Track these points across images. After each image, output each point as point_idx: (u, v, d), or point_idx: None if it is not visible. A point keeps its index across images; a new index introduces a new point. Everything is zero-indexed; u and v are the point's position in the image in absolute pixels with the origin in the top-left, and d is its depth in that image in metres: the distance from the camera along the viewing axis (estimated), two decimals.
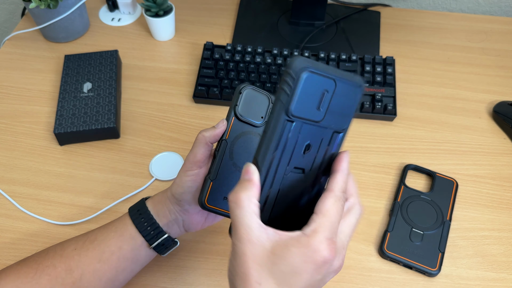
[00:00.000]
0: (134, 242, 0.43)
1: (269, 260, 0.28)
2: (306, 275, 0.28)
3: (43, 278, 0.40)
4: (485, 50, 0.76)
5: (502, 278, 0.51)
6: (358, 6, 0.82)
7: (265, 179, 0.30)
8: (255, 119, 0.42)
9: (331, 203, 0.29)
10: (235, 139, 0.42)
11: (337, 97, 0.31)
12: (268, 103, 0.43)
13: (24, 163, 0.61)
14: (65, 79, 0.66)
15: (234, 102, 0.42)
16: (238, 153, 0.42)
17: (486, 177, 0.60)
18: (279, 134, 0.30)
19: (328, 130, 0.32)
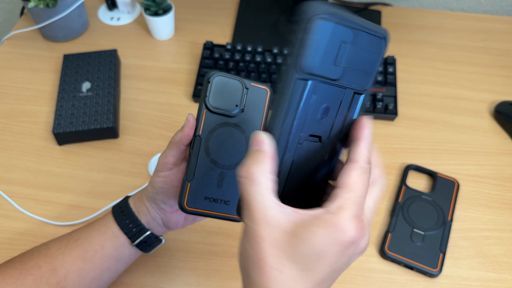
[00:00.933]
0: (116, 240, 0.42)
1: (290, 244, 0.24)
2: (333, 258, 0.25)
3: (28, 279, 0.40)
4: (487, 49, 0.75)
5: (503, 278, 0.51)
6: (359, 5, 0.81)
7: (276, 149, 0.27)
8: (229, 108, 0.38)
9: (357, 176, 0.26)
10: (209, 133, 0.38)
11: (357, 51, 0.26)
12: (241, 88, 0.39)
13: (23, 163, 0.61)
14: (64, 78, 0.66)
15: (203, 93, 0.38)
16: (215, 148, 0.39)
17: (488, 177, 0.59)
18: (289, 96, 0.25)
19: (348, 91, 0.27)
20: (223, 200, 0.39)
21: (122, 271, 0.45)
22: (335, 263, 0.25)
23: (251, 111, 0.39)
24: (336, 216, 0.25)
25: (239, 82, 0.39)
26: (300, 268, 0.25)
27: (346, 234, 0.24)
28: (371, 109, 0.64)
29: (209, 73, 0.38)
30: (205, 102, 0.38)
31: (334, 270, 0.26)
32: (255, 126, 0.39)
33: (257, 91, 0.39)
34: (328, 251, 0.24)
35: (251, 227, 0.25)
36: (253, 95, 0.39)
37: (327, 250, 0.24)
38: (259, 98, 0.39)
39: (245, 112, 0.39)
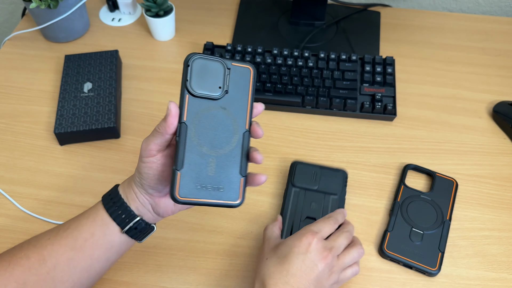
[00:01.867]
0: (106, 228, 0.42)
1: (276, 246, 0.45)
2: (295, 249, 0.43)
3: (17, 270, 0.39)
4: (485, 50, 0.76)
5: (502, 278, 0.51)
6: (358, 6, 0.82)
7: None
8: (212, 91, 0.37)
9: (322, 218, 0.48)
10: (195, 119, 0.37)
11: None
12: (223, 69, 0.38)
13: (24, 163, 0.61)
14: (65, 79, 0.66)
15: (183, 77, 0.37)
16: (203, 133, 0.37)
17: (486, 177, 0.60)
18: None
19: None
20: (216, 187, 0.37)
21: (115, 261, 0.44)
22: (299, 253, 0.43)
23: (235, 92, 0.38)
24: (301, 230, 0.46)
25: (220, 63, 0.37)
26: (278, 256, 0.44)
27: (303, 237, 0.44)
28: (370, 109, 0.65)
29: (188, 56, 0.37)
30: (186, 87, 0.37)
31: (301, 260, 0.42)
32: (241, 107, 0.38)
33: (240, 70, 0.38)
34: (292, 245, 0.43)
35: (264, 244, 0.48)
36: (236, 75, 0.38)
37: (292, 245, 0.43)
38: (243, 78, 0.38)
39: (230, 94, 0.38)
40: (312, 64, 0.68)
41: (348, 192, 0.58)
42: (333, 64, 0.68)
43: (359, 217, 0.56)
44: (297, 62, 0.68)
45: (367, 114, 0.65)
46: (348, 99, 0.65)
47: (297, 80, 0.67)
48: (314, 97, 0.66)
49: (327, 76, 0.67)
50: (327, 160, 0.61)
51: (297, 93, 0.66)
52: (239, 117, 0.38)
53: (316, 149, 0.62)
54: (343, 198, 0.55)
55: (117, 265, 0.52)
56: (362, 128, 0.65)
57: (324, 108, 0.65)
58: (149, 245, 0.53)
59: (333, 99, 0.65)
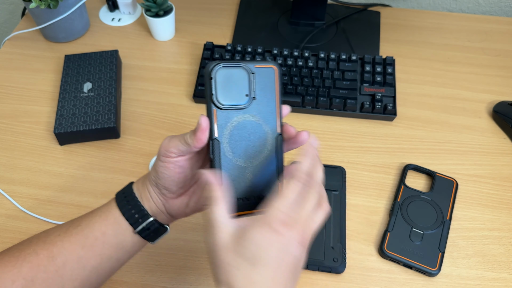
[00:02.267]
0: (118, 227, 0.40)
1: (238, 244, 0.32)
2: (269, 246, 0.31)
3: (25, 266, 0.38)
4: (485, 50, 0.76)
5: (502, 278, 0.51)
6: (358, 6, 0.82)
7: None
8: (239, 100, 0.36)
9: (285, 183, 0.34)
10: (226, 133, 0.35)
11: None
12: (247, 75, 0.36)
13: (24, 163, 0.61)
14: (65, 79, 0.66)
15: (208, 91, 0.35)
16: (236, 146, 0.36)
17: (486, 177, 0.60)
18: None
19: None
20: (256, 197, 0.37)
21: (126, 261, 0.43)
22: (274, 249, 0.31)
23: (262, 96, 0.36)
24: (264, 214, 0.32)
25: (243, 69, 0.36)
26: (251, 261, 0.31)
27: (271, 224, 0.32)
28: (370, 109, 0.65)
29: (208, 67, 0.35)
30: (213, 101, 0.35)
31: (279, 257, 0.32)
32: (270, 111, 0.37)
33: (264, 72, 0.36)
34: (263, 240, 0.31)
35: (211, 240, 0.33)
36: (261, 77, 0.36)
37: (262, 240, 0.31)
38: (268, 79, 0.36)
39: (257, 99, 0.36)
40: (312, 64, 0.68)
41: (348, 192, 0.58)
42: (333, 64, 0.68)
43: (359, 217, 0.56)
44: (297, 62, 0.68)
45: (367, 114, 0.65)
46: (348, 99, 0.65)
47: (297, 80, 0.67)
48: (314, 97, 0.66)
49: (327, 76, 0.67)
50: (327, 160, 0.61)
51: (297, 93, 0.66)
52: (269, 121, 0.37)
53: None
54: (343, 194, 0.56)
55: None
56: (362, 128, 0.65)
57: (324, 108, 0.65)
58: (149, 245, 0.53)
59: (333, 99, 0.65)
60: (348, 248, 0.53)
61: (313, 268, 0.51)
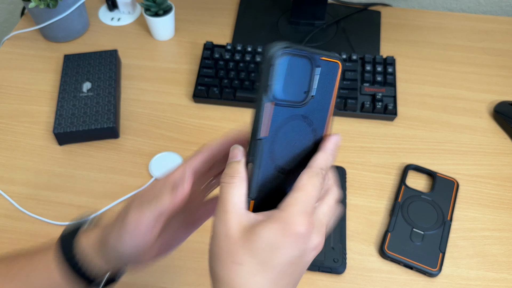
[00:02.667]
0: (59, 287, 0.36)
1: (248, 240, 0.27)
2: (285, 250, 0.27)
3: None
4: (486, 50, 0.75)
5: (503, 278, 0.51)
6: (359, 5, 0.82)
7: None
8: (296, 96, 0.29)
9: (306, 178, 0.29)
10: (272, 134, 0.29)
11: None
12: (311, 68, 0.29)
13: (24, 163, 0.61)
14: (64, 78, 0.66)
15: (265, 80, 0.28)
16: (279, 152, 0.30)
17: (487, 177, 0.60)
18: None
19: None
20: None
21: None
22: (289, 255, 0.27)
23: (320, 95, 0.30)
24: (285, 212, 0.28)
25: (307, 60, 0.29)
26: (258, 262, 0.27)
27: (293, 226, 0.27)
28: (371, 109, 0.65)
29: (271, 51, 0.27)
30: (267, 93, 0.28)
31: (290, 263, 0.28)
32: (323, 113, 0.31)
33: (328, 66, 0.30)
34: (280, 243, 0.27)
35: (219, 227, 0.28)
36: (324, 73, 0.30)
37: (279, 242, 0.27)
38: (329, 76, 0.30)
39: (314, 99, 0.30)
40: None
41: (348, 193, 0.58)
42: None
43: (359, 218, 0.56)
44: None
45: (367, 114, 0.65)
46: (349, 99, 0.65)
47: None
48: None
49: None
50: None
51: None
52: (319, 125, 0.31)
53: None
54: (344, 194, 0.56)
55: None
56: (362, 128, 0.65)
57: None
58: None
59: None
60: (348, 249, 0.53)
61: (313, 268, 0.50)
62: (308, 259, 0.29)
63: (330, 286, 0.50)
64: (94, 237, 0.35)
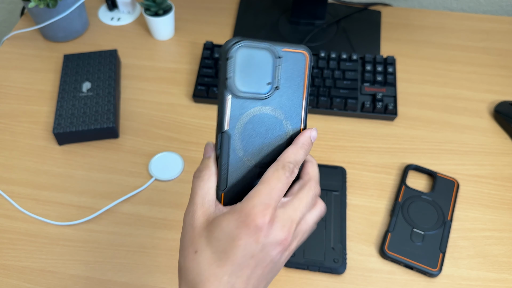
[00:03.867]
0: None
1: (207, 229, 0.29)
2: (241, 241, 0.27)
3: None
4: (487, 49, 0.75)
5: (503, 278, 0.51)
6: (359, 5, 0.81)
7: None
8: (259, 89, 0.30)
9: (272, 171, 0.29)
10: (238, 126, 0.30)
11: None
12: (272, 59, 0.30)
13: (23, 163, 0.61)
14: (64, 78, 0.66)
15: (223, 74, 0.29)
16: (249, 143, 0.30)
17: (488, 177, 0.59)
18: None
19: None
20: None
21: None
22: (246, 247, 0.28)
23: (287, 86, 0.31)
24: (245, 204, 0.28)
25: (267, 52, 0.29)
26: (215, 251, 0.28)
27: (250, 218, 0.27)
28: (371, 109, 0.64)
29: (227, 45, 0.28)
30: (227, 86, 0.29)
31: (250, 255, 0.28)
32: (294, 107, 0.31)
33: (293, 58, 0.30)
34: (236, 234, 0.27)
35: (186, 218, 0.30)
36: (288, 64, 0.30)
37: (235, 233, 0.27)
38: (296, 68, 0.31)
39: (281, 89, 0.31)
40: (313, 64, 0.68)
41: (348, 193, 0.57)
42: (334, 63, 0.68)
43: (359, 218, 0.56)
44: None
45: (368, 114, 0.65)
46: (349, 99, 0.65)
47: None
48: (315, 96, 0.65)
49: (327, 75, 0.67)
50: (328, 160, 0.61)
51: None
52: (291, 118, 0.31)
53: (317, 149, 0.62)
54: (344, 194, 0.55)
55: (116, 266, 0.52)
56: (362, 128, 0.65)
57: (324, 107, 0.65)
58: (149, 246, 0.53)
59: (333, 99, 0.65)
60: (348, 249, 0.53)
61: (313, 268, 0.50)
62: (274, 255, 0.29)
63: (330, 287, 0.50)
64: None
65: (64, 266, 0.51)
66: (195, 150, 0.62)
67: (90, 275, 0.51)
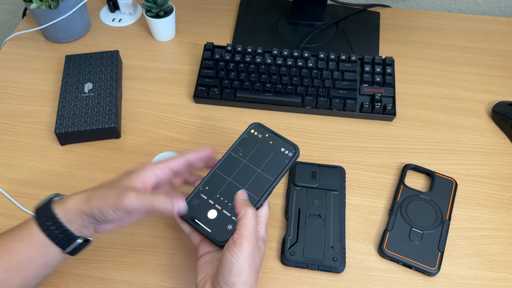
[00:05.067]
0: (45, 250, 0.40)
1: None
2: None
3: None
4: (485, 50, 0.76)
5: (501, 277, 0.51)
6: (358, 6, 0.82)
7: None
8: None
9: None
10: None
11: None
12: None
13: (25, 163, 0.61)
14: (66, 79, 0.67)
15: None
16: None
17: (486, 176, 0.60)
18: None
19: None
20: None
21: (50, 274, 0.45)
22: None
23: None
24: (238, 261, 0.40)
25: None
26: None
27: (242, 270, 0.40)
28: (370, 109, 0.65)
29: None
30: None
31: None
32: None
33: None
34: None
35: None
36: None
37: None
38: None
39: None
40: (312, 65, 0.68)
41: (347, 192, 0.58)
42: (333, 64, 0.69)
43: (358, 217, 0.56)
44: (296, 63, 0.68)
45: (366, 114, 0.65)
46: (348, 99, 0.65)
47: (297, 81, 0.67)
48: (314, 97, 0.66)
49: (326, 76, 0.68)
50: (327, 160, 0.61)
51: (297, 93, 0.66)
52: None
53: (316, 149, 0.62)
54: (343, 194, 0.56)
55: (118, 264, 0.52)
56: (361, 128, 0.65)
57: (323, 108, 0.66)
58: (149, 245, 0.54)
59: (332, 99, 0.65)
60: (347, 248, 0.53)
61: (312, 267, 0.51)
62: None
63: (329, 285, 0.51)
64: (71, 205, 0.42)
65: (65, 265, 0.52)
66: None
67: (92, 273, 0.51)
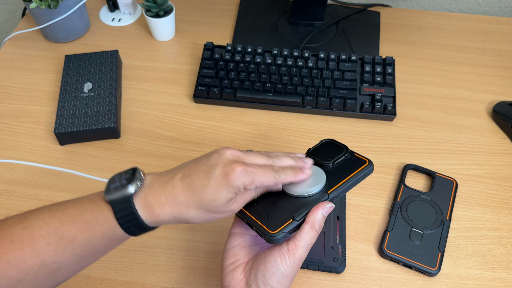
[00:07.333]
0: (121, 240, 0.40)
1: None
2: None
3: (11, 270, 0.36)
4: (485, 50, 0.76)
5: (502, 277, 0.51)
6: (358, 6, 0.82)
7: None
8: None
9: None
10: None
11: None
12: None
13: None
14: (65, 79, 0.67)
15: None
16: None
17: (486, 177, 0.60)
18: None
19: None
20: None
21: None
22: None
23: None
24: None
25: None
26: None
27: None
28: (370, 109, 0.65)
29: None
30: None
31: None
32: None
33: None
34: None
35: None
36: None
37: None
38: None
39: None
40: (312, 64, 0.68)
41: (348, 192, 0.58)
42: (333, 64, 0.68)
43: (359, 217, 0.56)
44: (297, 62, 0.68)
45: (366, 114, 0.65)
46: (348, 99, 0.65)
47: (297, 80, 0.67)
48: (314, 97, 0.66)
49: (327, 76, 0.67)
50: None
51: (297, 93, 0.66)
52: None
53: None
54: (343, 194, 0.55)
55: (117, 265, 0.52)
56: (361, 128, 0.65)
57: (324, 108, 0.65)
58: (149, 245, 0.53)
59: (332, 99, 0.65)
60: (348, 248, 0.53)
61: (312, 267, 0.51)
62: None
63: (329, 285, 0.51)
64: (170, 210, 0.39)
65: None
66: (195, 150, 0.62)
67: (91, 274, 0.51)
